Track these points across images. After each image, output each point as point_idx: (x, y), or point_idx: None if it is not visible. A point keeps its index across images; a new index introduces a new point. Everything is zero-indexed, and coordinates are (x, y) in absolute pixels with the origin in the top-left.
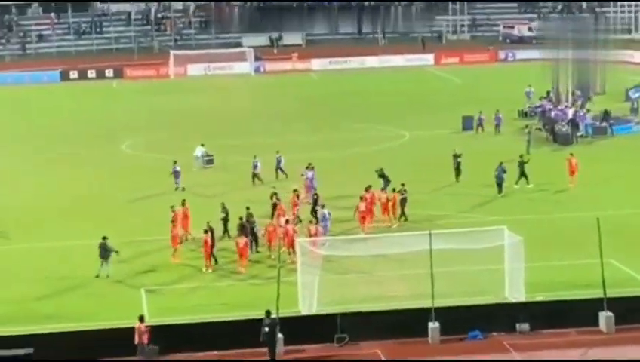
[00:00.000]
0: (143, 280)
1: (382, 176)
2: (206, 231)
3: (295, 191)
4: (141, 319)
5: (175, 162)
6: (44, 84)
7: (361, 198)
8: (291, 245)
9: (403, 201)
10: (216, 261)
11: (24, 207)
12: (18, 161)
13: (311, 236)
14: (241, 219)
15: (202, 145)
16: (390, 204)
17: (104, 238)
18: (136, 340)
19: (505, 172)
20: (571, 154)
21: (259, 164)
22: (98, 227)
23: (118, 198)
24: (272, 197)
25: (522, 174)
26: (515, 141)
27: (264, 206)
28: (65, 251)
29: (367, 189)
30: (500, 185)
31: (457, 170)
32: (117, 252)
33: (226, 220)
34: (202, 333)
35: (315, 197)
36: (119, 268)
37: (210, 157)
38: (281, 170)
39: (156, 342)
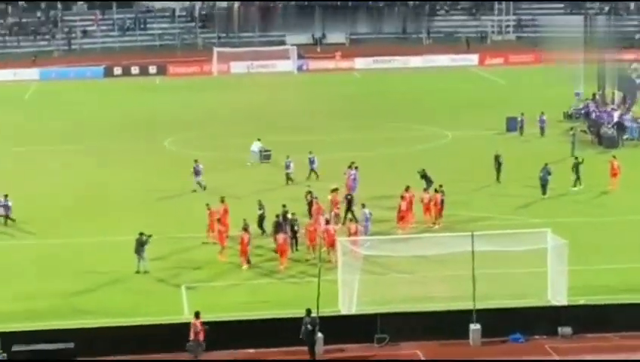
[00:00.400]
0: (181, 276)
1: (424, 176)
2: (244, 229)
3: (336, 189)
4: (197, 315)
5: (196, 161)
6: (88, 80)
7: (402, 198)
8: (332, 245)
9: (441, 202)
10: (248, 261)
11: (62, 203)
12: (59, 156)
13: (350, 235)
14: (277, 216)
15: (259, 140)
16: (432, 204)
17: (141, 234)
18: (192, 336)
19: (550, 173)
20: (614, 157)
21: (292, 165)
22: (134, 223)
23: (157, 194)
24: (306, 196)
25: (577, 175)
26: (560, 143)
27: (302, 204)
28: (100, 247)
29: (407, 189)
30: (544, 186)
31: (498, 171)
32: (149, 236)
33: (262, 218)
34: (242, 331)
35: (349, 197)
36: (157, 264)
37: (268, 153)
38: (314, 170)
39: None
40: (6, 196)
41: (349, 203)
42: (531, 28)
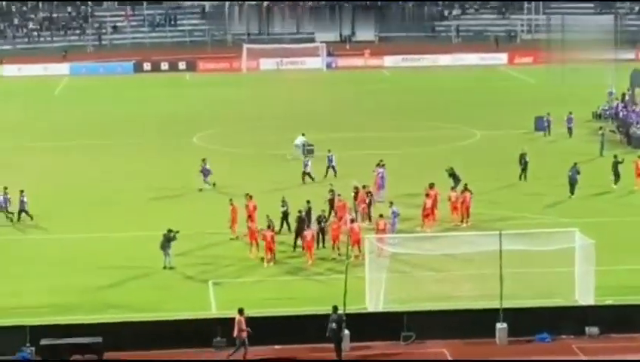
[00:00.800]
0: (207, 272)
1: (452, 175)
2: (268, 226)
3: (365, 187)
4: (240, 312)
5: (204, 160)
6: (118, 75)
7: (427, 196)
8: (357, 243)
9: (469, 201)
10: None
11: (89, 197)
12: (88, 151)
13: (379, 231)
14: (300, 212)
15: (303, 134)
16: (459, 202)
17: (169, 230)
18: (235, 333)
19: (579, 173)
20: (639, 157)
21: (309, 163)
22: (160, 218)
23: (182, 190)
24: (329, 194)
25: (617, 174)
26: (588, 143)
27: (323, 202)
28: (127, 242)
29: (431, 187)
30: (572, 185)
31: (523, 170)
32: (177, 232)
33: (286, 214)
34: (268, 327)
35: (370, 197)
36: (183, 260)
37: (311, 147)
38: (333, 169)
39: (224, 334)
40: (22, 192)
41: (370, 202)
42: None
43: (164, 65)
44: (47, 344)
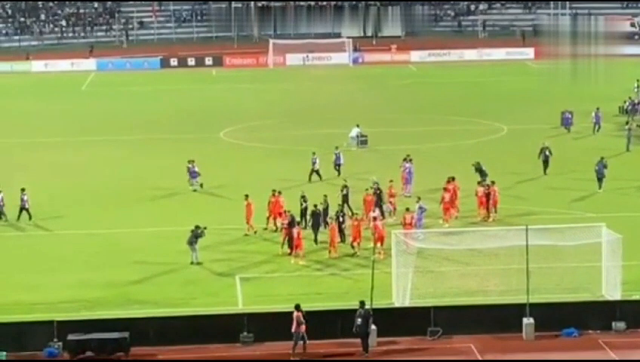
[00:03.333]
0: (233, 268)
1: (478, 169)
2: (291, 223)
3: (391, 181)
4: (297, 308)
5: (191, 161)
6: (145, 71)
7: (445, 190)
8: (380, 240)
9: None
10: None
11: (116, 192)
12: (116, 147)
13: (406, 225)
14: (315, 206)
15: (358, 125)
16: (485, 196)
17: (197, 226)
18: (294, 328)
19: (606, 167)
20: None
21: (317, 160)
22: (184, 213)
23: (209, 185)
24: (342, 190)
25: None
26: (615, 138)
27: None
28: (152, 237)
29: (449, 181)
30: (600, 180)
31: (545, 164)
32: (204, 228)
33: (306, 210)
34: None
35: (379, 191)
36: (208, 255)
37: (365, 138)
38: (338, 167)
39: (251, 329)
40: (22, 190)
41: (379, 197)
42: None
43: (191, 61)
44: (74, 339)
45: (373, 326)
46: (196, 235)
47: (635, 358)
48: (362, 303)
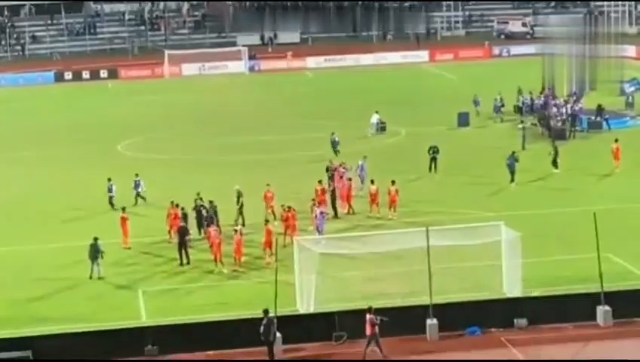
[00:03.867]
0: (135, 280)
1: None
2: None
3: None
4: (370, 310)
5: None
6: (39, 86)
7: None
8: (269, 245)
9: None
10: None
11: (11, 209)
12: (9, 163)
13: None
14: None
15: (377, 112)
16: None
17: (95, 239)
18: (368, 331)
19: (517, 161)
20: (616, 140)
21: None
22: (85, 229)
23: (104, 200)
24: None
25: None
26: (511, 137)
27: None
28: (51, 253)
29: (320, 182)
30: (512, 173)
31: (433, 163)
32: (102, 254)
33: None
34: (201, 333)
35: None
36: (112, 269)
37: (384, 125)
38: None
39: (155, 342)
40: None
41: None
42: (480, 23)
43: (86, 74)
44: None
45: (278, 334)
46: (97, 249)
47: (537, 354)
48: (266, 311)
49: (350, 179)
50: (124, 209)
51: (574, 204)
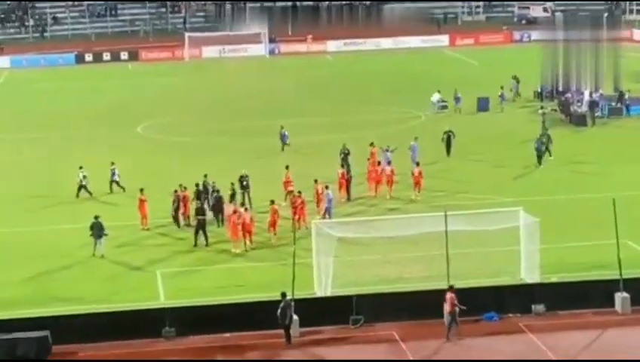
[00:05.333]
0: (153, 262)
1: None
2: (234, 211)
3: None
4: (451, 288)
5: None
6: (60, 67)
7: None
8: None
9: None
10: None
11: (26, 190)
12: (31, 144)
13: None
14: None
15: (439, 91)
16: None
17: (96, 217)
18: (448, 308)
19: (544, 144)
20: None
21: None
22: (99, 210)
23: (125, 181)
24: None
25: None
26: (530, 122)
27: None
28: (65, 234)
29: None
30: (540, 157)
31: (448, 146)
32: (106, 234)
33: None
34: (218, 315)
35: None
36: (126, 250)
37: (445, 103)
38: (117, 183)
39: (173, 324)
40: None
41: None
42: (500, 8)
43: (106, 56)
44: None
45: (295, 317)
46: (100, 228)
47: (554, 340)
48: (284, 294)
49: (390, 163)
50: (142, 190)
51: (594, 190)
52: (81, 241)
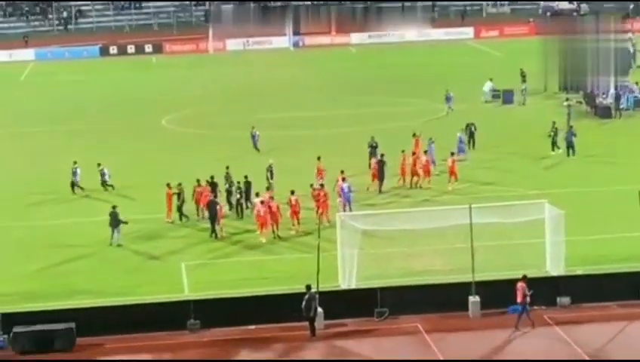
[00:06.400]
0: (177, 254)
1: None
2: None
3: (342, 172)
4: (524, 278)
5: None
6: (84, 60)
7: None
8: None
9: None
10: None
11: (57, 184)
12: (57, 137)
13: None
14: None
15: (491, 79)
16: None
17: (114, 207)
18: (520, 298)
19: (575, 135)
20: None
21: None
22: (121, 203)
23: (148, 173)
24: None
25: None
26: (556, 114)
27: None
28: (88, 226)
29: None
30: (571, 148)
31: (471, 139)
32: (126, 222)
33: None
34: (243, 307)
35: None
36: (149, 243)
37: (497, 92)
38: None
39: (197, 316)
40: None
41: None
42: (525, 0)
43: (131, 49)
44: (19, 331)
45: (320, 309)
46: (114, 216)
47: (579, 332)
48: (308, 286)
49: (426, 152)
50: (168, 185)
51: (619, 182)
52: (103, 234)
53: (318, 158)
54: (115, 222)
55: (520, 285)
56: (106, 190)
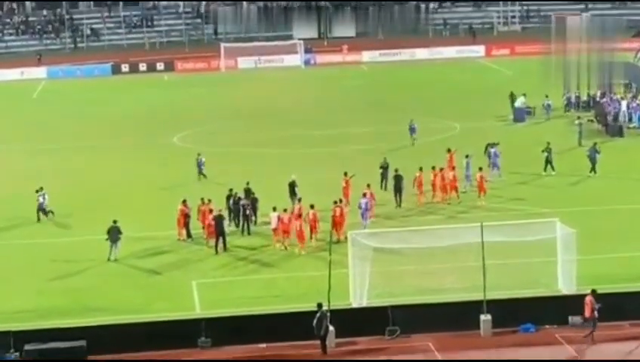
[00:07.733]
0: (188, 272)
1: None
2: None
3: (369, 186)
4: (593, 292)
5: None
6: (96, 78)
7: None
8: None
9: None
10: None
11: (69, 201)
12: (69, 154)
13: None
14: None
15: (524, 95)
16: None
17: (115, 221)
18: (588, 313)
19: (598, 152)
20: None
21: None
22: (129, 221)
23: (159, 191)
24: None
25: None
26: (567, 133)
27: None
28: (97, 244)
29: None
30: (594, 165)
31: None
32: (120, 235)
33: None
34: (254, 325)
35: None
36: (161, 259)
37: (530, 109)
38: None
39: (209, 334)
40: None
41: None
42: (537, 18)
43: (142, 67)
44: (31, 349)
45: (331, 327)
46: (115, 230)
47: (591, 351)
48: (320, 305)
49: (454, 168)
50: (184, 202)
51: (630, 201)
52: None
53: (345, 173)
54: (114, 236)
55: (588, 299)
56: (45, 216)
